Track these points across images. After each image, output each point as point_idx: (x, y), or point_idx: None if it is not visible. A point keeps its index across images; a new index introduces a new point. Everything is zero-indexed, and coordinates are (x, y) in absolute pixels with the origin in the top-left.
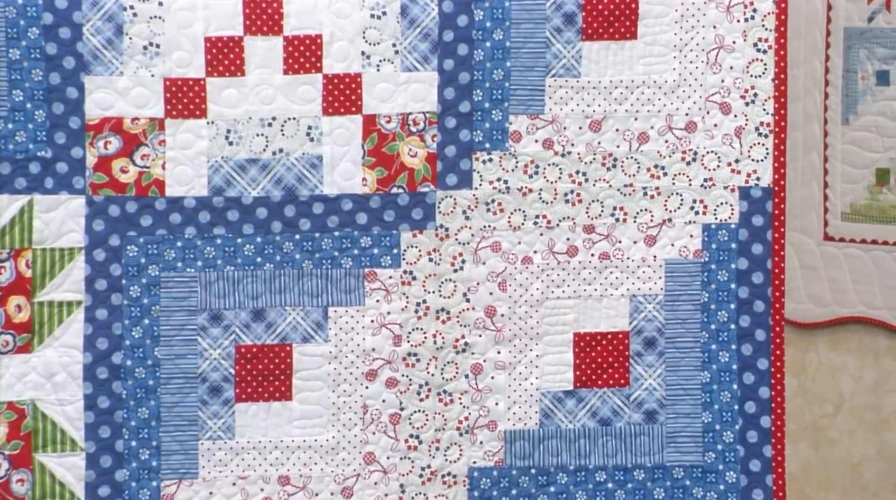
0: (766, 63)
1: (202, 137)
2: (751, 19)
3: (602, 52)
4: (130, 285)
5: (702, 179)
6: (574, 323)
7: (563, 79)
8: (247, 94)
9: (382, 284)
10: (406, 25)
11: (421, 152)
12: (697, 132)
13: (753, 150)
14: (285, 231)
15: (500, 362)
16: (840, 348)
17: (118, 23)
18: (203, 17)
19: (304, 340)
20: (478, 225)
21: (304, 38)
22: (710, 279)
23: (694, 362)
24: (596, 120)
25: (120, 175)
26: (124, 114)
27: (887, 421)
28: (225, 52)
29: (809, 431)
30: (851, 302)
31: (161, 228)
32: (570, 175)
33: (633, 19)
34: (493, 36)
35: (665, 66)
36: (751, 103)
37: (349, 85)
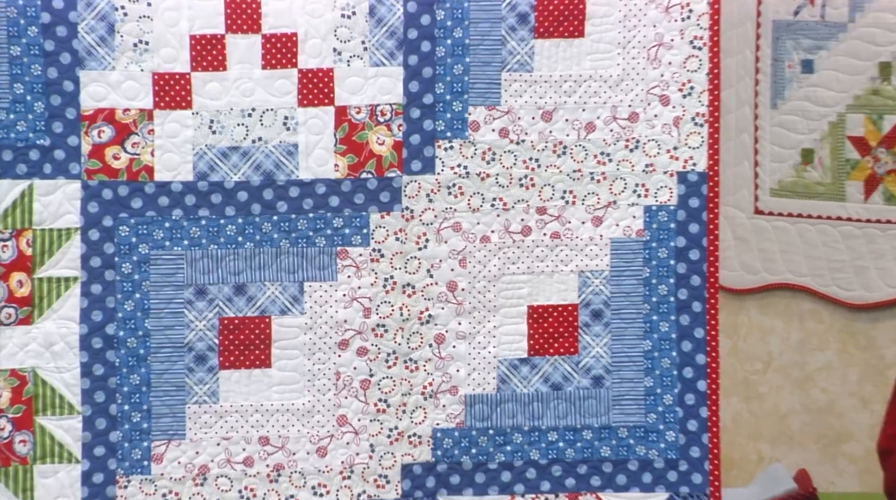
0: (701, 59)
1: (188, 127)
2: (687, 19)
3: (553, 48)
4: (122, 263)
5: (643, 164)
6: (528, 297)
7: (518, 73)
8: (228, 87)
9: (353, 261)
10: (374, 24)
11: (388, 140)
12: (639, 122)
13: (690, 138)
14: (264, 213)
15: (461, 332)
16: (769, 312)
17: (110, 22)
18: (188, 16)
19: (282, 312)
20: (440, 207)
21: (281, 35)
22: (652, 256)
23: (637, 332)
24: (547, 111)
25: (112, 161)
26: (116, 105)
27: (811, 377)
28: (208, 48)
29: (741, 386)
30: (779, 270)
31: (150, 210)
32: (524, 161)
33: (581, 19)
34: (454, 34)
35: (610, 62)
36: (687, 96)
37: (322, 79)
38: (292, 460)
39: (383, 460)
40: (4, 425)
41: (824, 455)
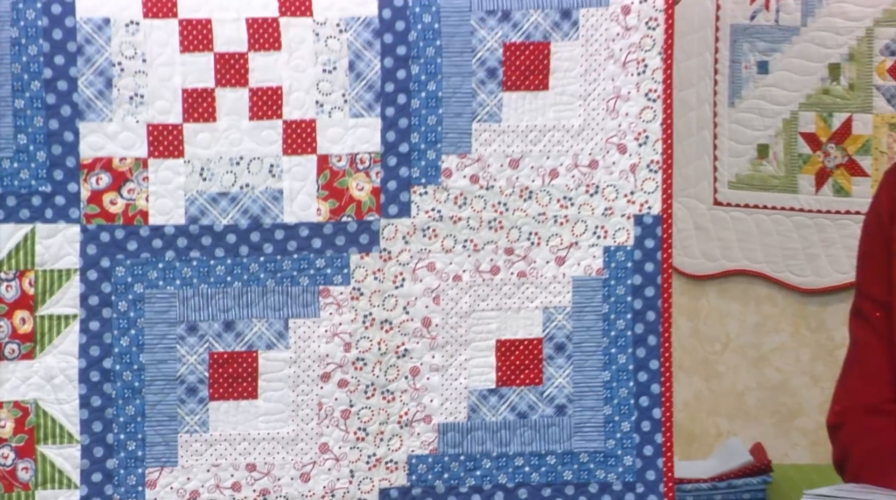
0: (656, 110)
1: (180, 174)
2: (642, 73)
3: (519, 100)
4: (119, 301)
5: (603, 208)
6: (496, 331)
7: (487, 124)
8: (218, 137)
9: (335, 299)
10: (353, 78)
11: (367, 186)
12: (599, 169)
13: (645, 184)
14: (251, 254)
15: (435, 365)
16: (727, 296)
17: (108, 77)
18: (181, 71)
19: (268, 347)
20: (415, 248)
21: (267, 89)
22: (610, 293)
23: (597, 364)
24: (514, 159)
25: (110, 207)
26: (113, 154)
27: (766, 357)
28: (199, 101)
29: (701, 366)
30: (737, 257)
31: (145, 251)
32: (493, 206)
33: (546, 73)
34: (428, 87)
35: (572, 113)
36: (643, 144)
37: (305, 129)
38: (277, 485)
39: (362, 485)
40: (8, 453)
41: (778, 430)
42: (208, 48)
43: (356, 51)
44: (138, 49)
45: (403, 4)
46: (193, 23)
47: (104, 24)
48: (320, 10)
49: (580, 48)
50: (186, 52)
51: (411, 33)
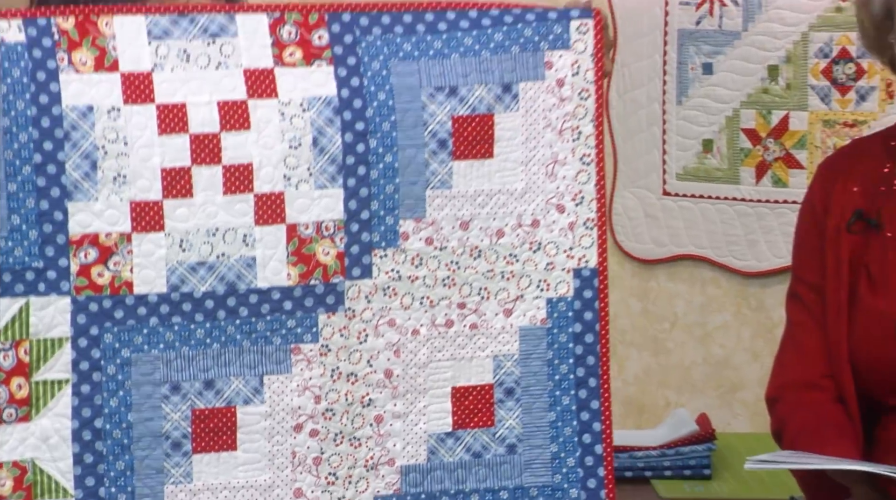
0: (590, 173)
1: (161, 246)
2: (577, 139)
3: (468, 168)
4: (108, 366)
5: (545, 263)
6: (452, 379)
7: (440, 190)
8: (195, 211)
9: (305, 356)
10: (317, 153)
11: (332, 251)
12: (541, 228)
13: (583, 239)
14: (228, 318)
15: (397, 412)
16: (675, 279)
17: (93, 159)
18: (159, 152)
19: (245, 402)
20: (377, 306)
21: (239, 166)
22: (554, 341)
23: (543, 406)
24: (465, 221)
25: (97, 279)
26: (100, 230)
27: (711, 335)
28: (177, 179)
29: (651, 343)
30: (684, 243)
31: (131, 319)
32: (447, 264)
33: (491, 142)
34: (385, 159)
35: (515, 178)
36: (579, 204)
37: (275, 201)
38: None
39: None
40: None
41: (721, 401)
42: (184, 130)
43: (319, 128)
44: (120, 133)
45: (360, 84)
46: (170, 107)
47: (88, 111)
48: (284, 91)
49: (521, 118)
50: (164, 134)
51: (368, 110)
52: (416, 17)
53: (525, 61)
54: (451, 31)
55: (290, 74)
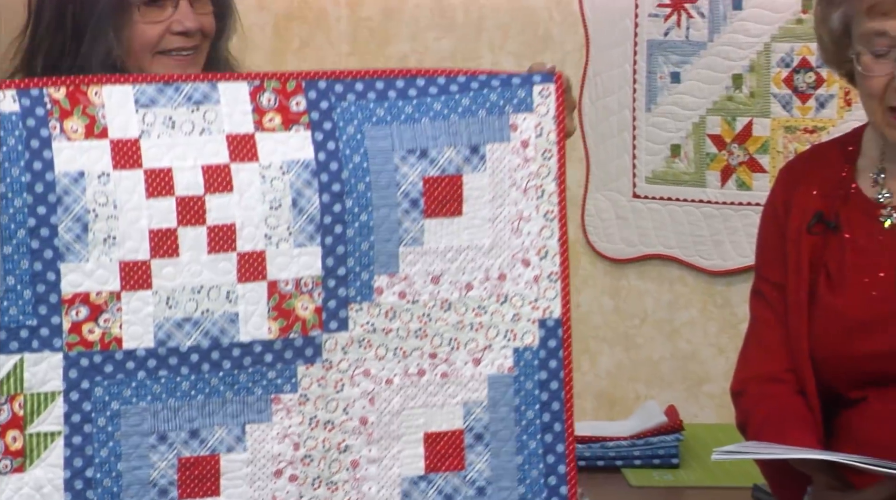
0: (553, 228)
1: (149, 304)
2: (541, 197)
3: (438, 226)
4: (98, 418)
5: (511, 314)
6: (424, 425)
7: (412, 247)
8: (181, 270)
9: (285, 405)
10: (296, 213)
11: (310, 306)
12: (507, 281)
13: (547, 292)
14: (212, 370)
15: (371, 457)
16: (645, 277)
17: (84, 222)
18: (147, 215)
19: (229, 450)
20: (353, 357)
21: (222, 226)
22: (520, 388)
23: (511, 450)
24: (435, 276)
25: (88, 335)
26: (90, 289)
27: (678, 331)
28: (164, 239)
29: (622, 338)
30: (653, 243)
31: (120, 373)
32: (419, 317)
33: (459, 201)
34: (360, 218)
35: (483, 234)
36: (543, 258)
37: (256, 259)
38: None
39: None
40: None
41: (689, 394)
42: (170, 193)
43: (297, 189)
44: (110, 197)
45: (335, 148)
46: (157, 171)
47: (79, 176)
48: (265, 155)
49: (488, 178)
50: (151, 197)
51: (344, 172)
52: (388, 83)
53: (491, 124)
54: (420, 97)
55: (269, 139)
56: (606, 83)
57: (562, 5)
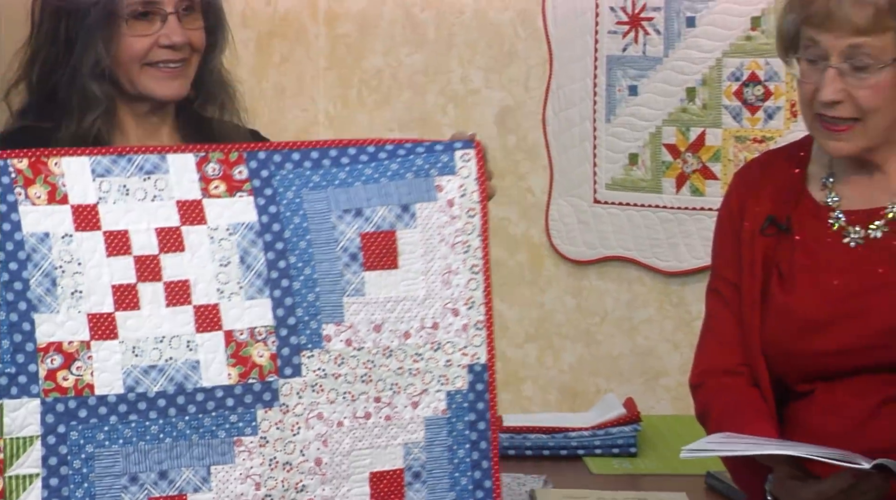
0: (479, 280)
1: (116, 353)
2: (467, 252)
3: (377, 278)
4: (73, 460)
5: (444, 360)
6: (370, 465)
7: (355, 298)
8: (143, 322)
9: (246, 447)
10: (244, 270)
11: (266, 353)
12: (440, 329)
13: (474, 339)
14: (178, 414)
15: (325, 496)
16: (605, 278)
17: (53, 278)
18: (108, 271)
19: (195, 490)
20: (307, 402)
21: (178, 282)
22: (452, 429)
23: (445, 486)
24: (377, 324)
25: (62, 382)
26: (63, 339)
27: (636, 328)
28: (126, 294)
29: (584, 335)
30: (612, 246)
31: (93, 417)
32: (364, 363)
33: (395, 255)
34: (304, 272)
35: (417, 286)
36: (471, 308)
37: (212, 312)
38: None
39: None
40: None
41: (646, 387)
42: (128, 252)
43: (244, 248)
44: (74, 255)
45: (277, 211)
46: (115, 233)
47: (45, 236)
48: (212, 218)
49: (419, 234)
50: (111, 256)
51: (286, 232)
52: (322, 153)
53: (418, 185)
54: (352, 164)
55: (216, 204)
56: (568, 96)
57: (526, 23)
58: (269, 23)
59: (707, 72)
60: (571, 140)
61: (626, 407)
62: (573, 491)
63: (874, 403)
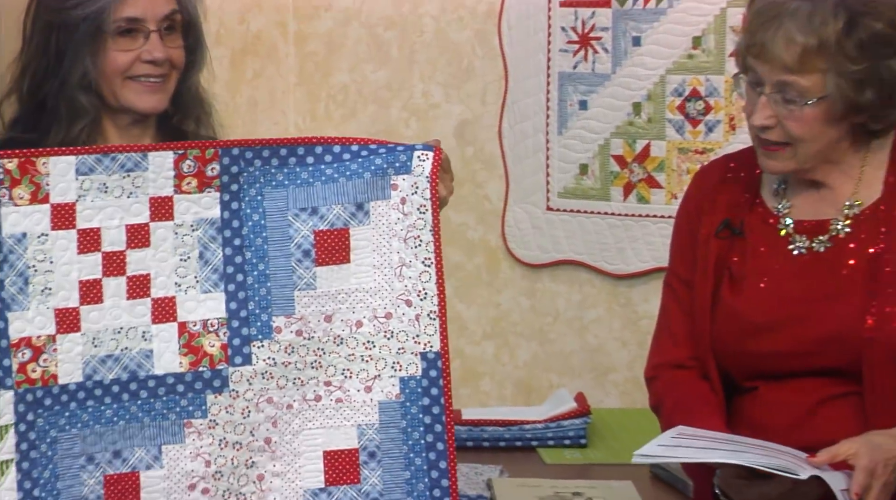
0: (430, 273)
1: (78, 344)
2: (419, 246)
3: (329, 272)
4: (41, 444)
5: (397, 348)
6: (323, 444)
7: (306, 291)
8: (105, 314)
9: (196, 429)
10: (202, 265)
11: (217, 343)
12: (393, 319)
13: (427, 328)
14: (131, 399)
15: (276, 471)
16: (557, 280)
17: (25, 277)
18: (77, 268)
19: (147, 468)
20: (257, 388)
21: (139, 276)
22: (406, 413)
23: (400, 466)
24: (328, 315)
25: (31, 374)
26: (32, 334)
27: (587, 327)
28: (91, 288)
29: (537, 334)
30: (564, 250)
31: (57, 405)
32: (314, 351)
33: (347, 250)
34: (258, 267)
35: (369, 279)
36: (423, 299)
37: (168, 304)
38: None
39: None
40: None
41: (595, 382)
42: (97, 249)
43: (204, 244)
44: (47, 254)
45: (238, 208)
46: (87, 231)
47: (22, 237)
48: (179, 214)
49: (371, 231)
50: (82, 253)
51: (244, 228)
52: (290, 150)
53: (375, 184)
54: (316, 164)
55: (185, 200)
56: (523, 110)
57: (483, 42)
58: (243, 41)
59: (652, 88)
60: (526, 151)
61: (577, 401)
62: (527, 480)
63: (813, 401)
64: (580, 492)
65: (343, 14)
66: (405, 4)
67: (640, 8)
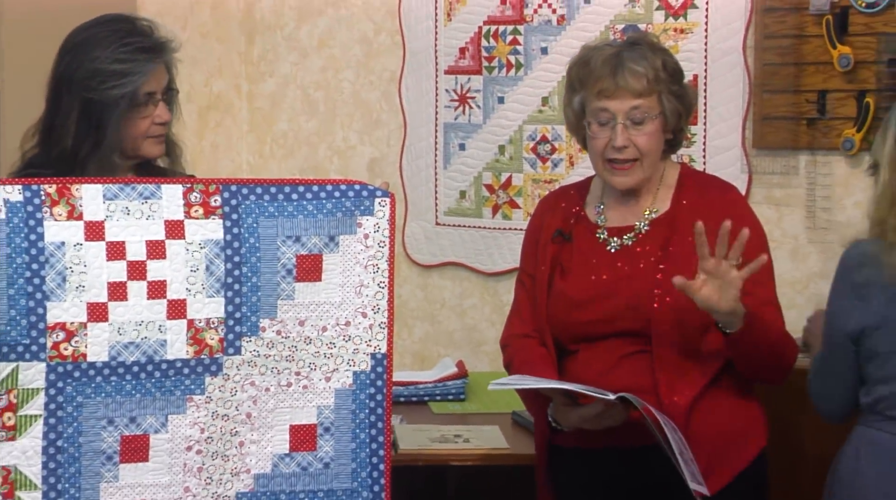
0: (384, 293)
1: (105, 332)
2: (376, 272)
3: (305, 288)
4: (67, 406)
5: (353, 349)
6: (289, 420)
7: (286, 301)
8: (128, 309)
9: (196, 403)
10: (208, 275)
11: (216, 337)
12: (352, 326)
13: (377, 335)
14: (147, 378)
15: (253, 439)
16: (444, 277)
17: (63, 276)
18: (106, 272)
19: (156, 432)
20: (244, 373)
21: (158, 281)
22: (356, 398)
23: (347, 439)
24: (302, 320)
25: (64, 351)
26: (67, 320)
27: (466, 311)
28: (118, 289)
29: (429, 317)
30: (449, 255)
31: (84, 377)
32: (289, 347)
33: (320, 271)
34: (251, 280)
35: (335, 294)
36: (376, 312)
37: (180, 305)
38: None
39: None
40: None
41: (472, 353)
42: (123, 258)
43: (210, 259)
44: (82, 259)
45: (238, 232)
46: (115, 243)
47: (61, 245)
48: (189, 235)
49: (339, 258)
50: (110, 260)
51: (242, 249)
52: (279, 188)
53: (344, 222)
54: (299, 200)
55: (194, 224)
56: (418, 151)
57: (388, 99)
58: (207, 99)
59: (513, 134)
60: (420, 181)
61: (458, 367)
62: (421, 426)
63: (616, 357)
64: (460, 434)
65: (283, 79)
66: (329, 71)
67: (504, 75)
